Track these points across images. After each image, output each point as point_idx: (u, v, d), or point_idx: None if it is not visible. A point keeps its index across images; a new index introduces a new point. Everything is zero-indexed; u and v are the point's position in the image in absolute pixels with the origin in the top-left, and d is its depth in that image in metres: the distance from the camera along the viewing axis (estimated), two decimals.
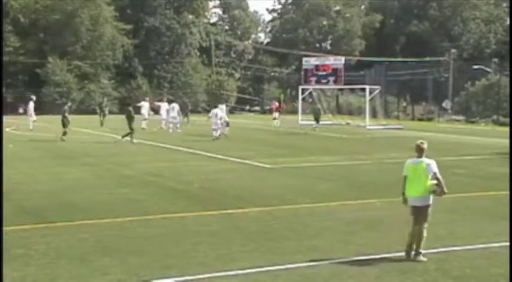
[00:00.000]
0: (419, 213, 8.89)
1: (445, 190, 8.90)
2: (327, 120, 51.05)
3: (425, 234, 8.82)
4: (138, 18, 74.66)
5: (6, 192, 12.68)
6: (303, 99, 50.95)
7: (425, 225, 8.87)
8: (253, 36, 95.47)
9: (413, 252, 8.79)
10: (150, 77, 74.50)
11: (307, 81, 50.18)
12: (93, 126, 38.74)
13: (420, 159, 9.04)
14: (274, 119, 43.90)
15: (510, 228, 9.61)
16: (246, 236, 10.13)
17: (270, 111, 48.80)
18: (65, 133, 29.30)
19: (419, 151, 9.08)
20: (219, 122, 31.03)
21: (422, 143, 9.11)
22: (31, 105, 38.89)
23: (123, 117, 30.26)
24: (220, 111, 32.53)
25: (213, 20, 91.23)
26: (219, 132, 30.74)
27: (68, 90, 65.27)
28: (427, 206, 8.93)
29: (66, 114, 30.32)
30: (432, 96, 62.75)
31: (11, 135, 31.20)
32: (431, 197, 8.94)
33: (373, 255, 8.82)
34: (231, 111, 79.11)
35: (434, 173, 8.89)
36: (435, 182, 8.88)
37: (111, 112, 47.00)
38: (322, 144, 29.47)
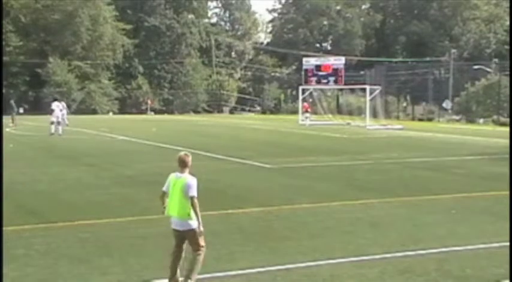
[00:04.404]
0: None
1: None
2: (327, 120, 51.09)
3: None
4: (138, 18, 74.71)
5: (6, 192, 12.66)
6: (303, 99, 50.98)
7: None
8: (253, 36, 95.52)
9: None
10: (150, 77, 74.53)
11: (307, 81, 50.17)
12: (93, 126, 38.71)
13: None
14: (307, 117, 47.69)
15: (510, 228, 9.60)
16: (246, 236, 10.12)
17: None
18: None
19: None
20: None
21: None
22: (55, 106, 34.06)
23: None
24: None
25: (213, 20, 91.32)
26: None
27: (68, 90, 65.32)
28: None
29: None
30: (432, 96, 62.73)
31: (11, 135, 31.21)
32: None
33: (373, 255, 8.81)
34: (231, 111, 79.35)
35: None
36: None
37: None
38: (322, 144, 29.45)
